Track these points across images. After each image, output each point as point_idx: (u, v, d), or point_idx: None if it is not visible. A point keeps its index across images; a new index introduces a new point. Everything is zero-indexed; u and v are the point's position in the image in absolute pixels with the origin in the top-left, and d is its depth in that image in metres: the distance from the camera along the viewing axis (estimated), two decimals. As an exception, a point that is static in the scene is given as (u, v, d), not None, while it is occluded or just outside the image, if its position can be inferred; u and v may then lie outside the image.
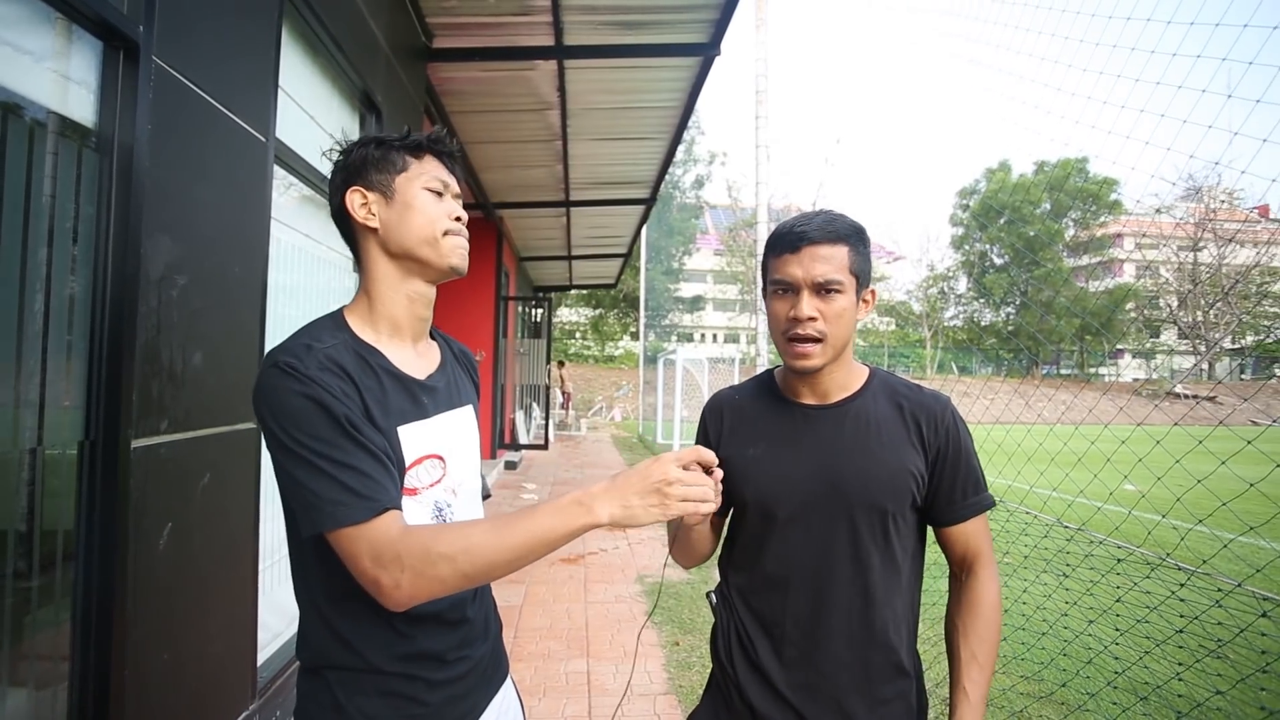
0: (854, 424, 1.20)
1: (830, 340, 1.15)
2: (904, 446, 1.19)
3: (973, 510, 1.22)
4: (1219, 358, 36.34)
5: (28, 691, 1.48)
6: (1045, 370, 37.83)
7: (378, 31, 3.58)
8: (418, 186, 1.11)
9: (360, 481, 0.92)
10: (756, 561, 1.22)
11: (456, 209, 1.14)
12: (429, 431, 1.10)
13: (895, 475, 1.17)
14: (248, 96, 2.22)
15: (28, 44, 1.46)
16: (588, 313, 39.01)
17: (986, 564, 1.24)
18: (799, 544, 1.18)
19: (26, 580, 1.46)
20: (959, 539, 1.23)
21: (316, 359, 0.98)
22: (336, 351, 1.02)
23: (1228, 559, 4.51)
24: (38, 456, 1.48)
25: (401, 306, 1.12)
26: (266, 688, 2.50)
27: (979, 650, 1.18)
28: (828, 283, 1.13)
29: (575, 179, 7.68)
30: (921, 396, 1.24)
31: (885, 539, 1.17)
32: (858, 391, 1.24)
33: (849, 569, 1.16)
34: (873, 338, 41.25)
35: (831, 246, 1.14)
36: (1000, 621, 1.23)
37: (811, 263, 1.13)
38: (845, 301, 1.15)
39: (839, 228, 1.16)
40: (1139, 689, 3.06)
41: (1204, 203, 34.17)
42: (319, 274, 3.23)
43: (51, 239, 1.50)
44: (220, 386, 2.10)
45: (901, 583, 1.20)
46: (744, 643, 1.22)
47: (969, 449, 1.23)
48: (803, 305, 1.13)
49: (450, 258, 1.12)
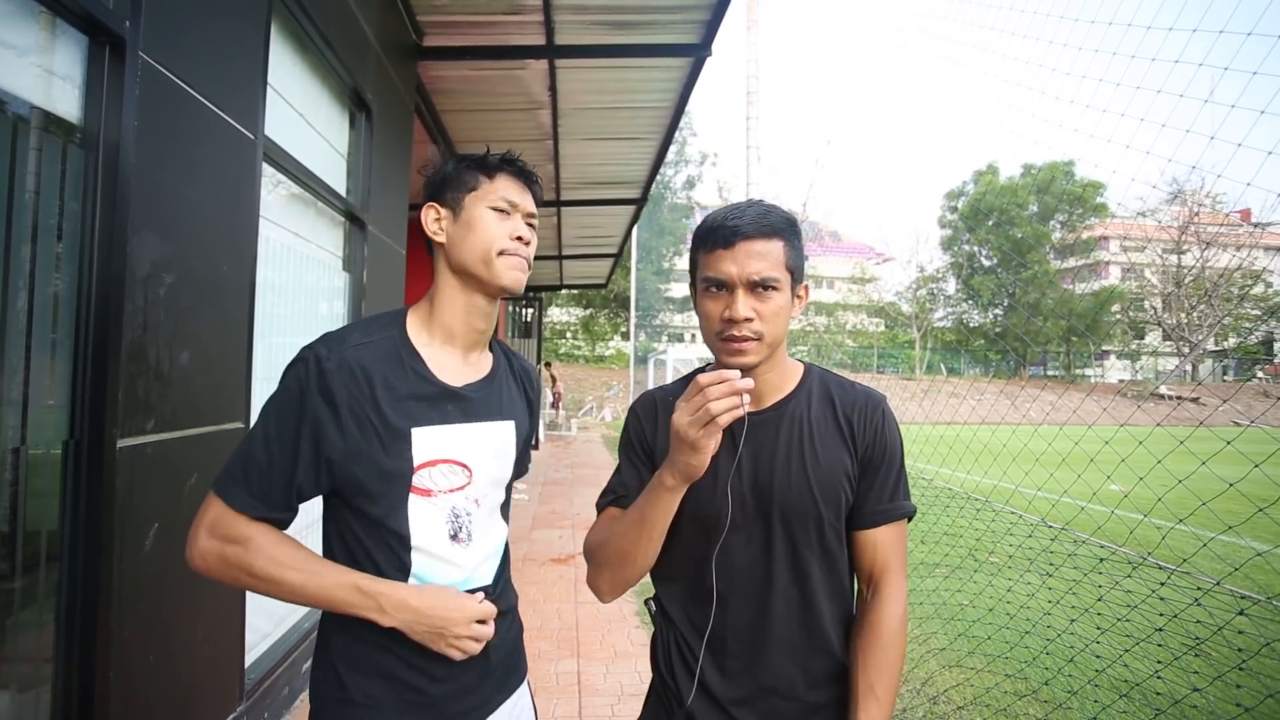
0: (789, 428, 1.14)
1: (767, 339, 1.08)
2: (838, 449, 1.14)
3: (887, 516, 1.14)
4: (1202, 359, 36.79)
5: (10, 694, 1.47)
6: (1032, 371, 38.18)
7: (368, 29, 3.57)
8: (483, 206, 1.15)
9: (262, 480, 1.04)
10: (695, 573, 1.15)
11: (520, 229, 1.16)
12: (452, 437, 1.13)
13: (832, 480, 1.12)
14: (236, 93, 2.21)
15: (12, 39, 1.45)
16: (578, 312, 38.98)
17: (895, 581, 1.14)
18: (739, 555, 1.12)
19: (9, 581, 1.45)
20: (869, 546, 1.15)
21: (339, 356, 1.07)
22: (368, 350, 1.10)
23: (1208, 558, 4.58)
24: (21, 456, 1.46)
25: (458, 317, 1.17)
26: (254, 689, 2.49)
27: (877, 682, 1.08)
28: (764, 280, 1.06)
29: (566, 179, 7.67)
30: (854, 394, 1.18)
31: (823, 545, 1.13)
32: (792, 392, 1.18)
33: (788, 578, 1.12)
34: (862, 339, 41.46)
35: (767, 241, 1.07)
36: (904, 648, 1.14)
37: (747, 259, 1.06)
38: (782, 300, 1.08)
39: (774, 221, 1.08)
40: (1119, 686, 3.10)
41: (1187, 206, 34.59)
42: (308, 272, 3.21)
43: (36, 236, 1.48)
44: (208, 386, 2.08)
45: (842, 587, 1.16)
46: (684, 655, 1.16)
47: (897, 452, 1.17)
48: (738, 305, 1.05)
49: (502, 278, 1.14)
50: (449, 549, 1.12)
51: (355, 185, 3.70)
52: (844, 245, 45.67)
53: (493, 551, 1.20)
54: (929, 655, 3.63)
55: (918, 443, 7.86)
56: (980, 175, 40.11)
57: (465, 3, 4.23)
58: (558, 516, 7.24)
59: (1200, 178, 30.47)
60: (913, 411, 12.82)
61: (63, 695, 1.55)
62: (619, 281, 28.59)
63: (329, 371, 1.05)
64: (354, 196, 3.67)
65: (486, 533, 1.18)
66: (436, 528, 1.11)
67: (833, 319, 41.46)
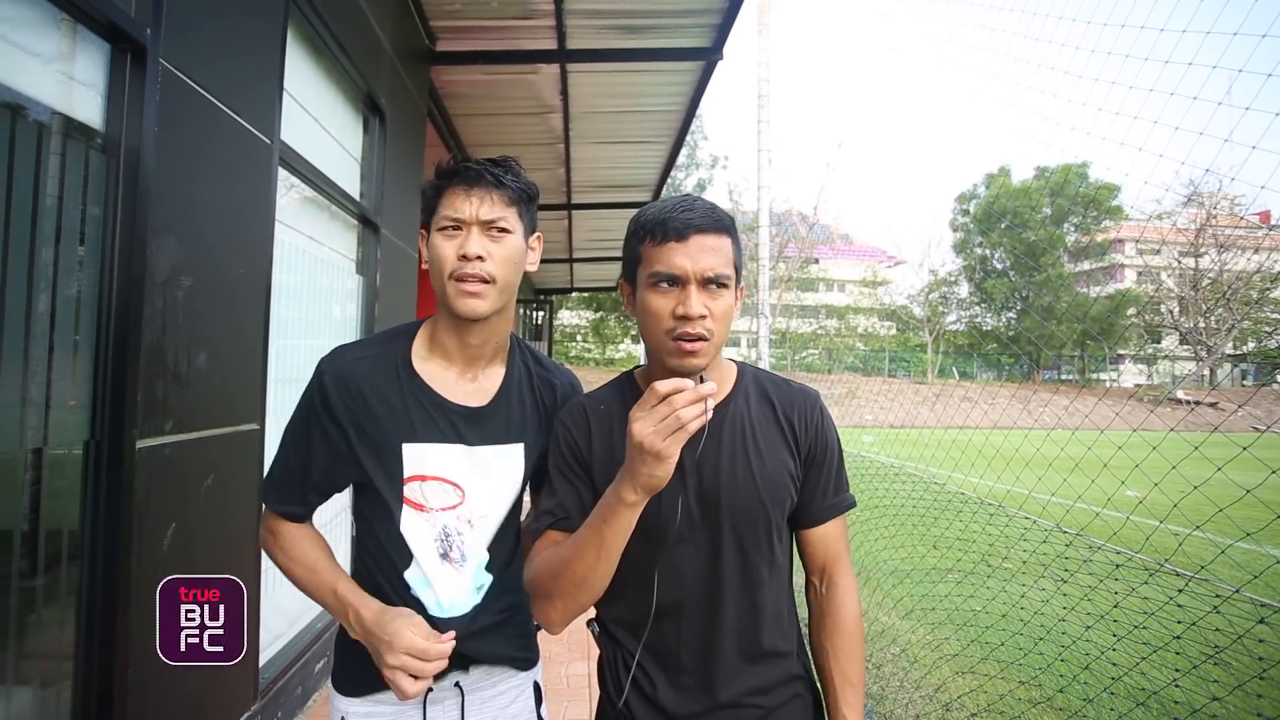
0: (731, 432, 1.11)
1: (716, 339, 1.04)
2: (780, 449, 1.12)
3: (833, 511, 1.15)
4: (1220, 364, 36.33)
5: (32, 690, 1.49)
6: (1046, 375, 37.82)
7: (382, 35, 3.60)
8: (436, 229, 1.12)
9: (289, 483, 1.16)
10: (642, 589, 1.08)
11: (468, 245, 1.09)
12: (443, 456, 1.13)
13: (777, 482, 1.10)
14: (253, 99, 2.24)
15: (37, 47, 1.48)
16: (589, 315, 39.02)
17: (845, 571, 1.16)
18: (687, 566, 1.08)
19: (31, 580, 1.47)
20: (818, 543, 1.15)
21: (335, 369, 1.14)
22: (367, 365, 1.14)
23: (1226, 565, 4.52)
24: (43, 456, 1.49)
25: (450, 338, 1.17)
26: (268, 689, 2.51)
27: (850, 670, 1.11)
28: (718, 277, 1.02)
29: (577, 182, 7.70)
30: (790, 393, 1.16)
31: (770, 548, 1.11)
32: (730, 395, 1.14)
33: (738, 586, 1.09)
34: (873, 342, 41.23)
35: (718, 237, 1.04)
36: (863, 634, 1.16)
37: (700, 254, 1.01)
38: (730, 298, 1.05)
39: (722, 217, 1.05)
40: (1136, 694, 3.07)
41: (1205, 208, 34.19)
42: (322, 275, 3.24)
43: (59, 240, 1.51)
44: (224, 387, 2.11)
45: (785, 588, 1.15)
46: (635, 676, 1.11)
47: (835, 447, 1.17)
48: (692, 302, 1.00)
49: (454, 304, 1.10)
50: (438, 568, 1.13)
51: (369, 189, 3.73)
52: (855, 248, 45.50)
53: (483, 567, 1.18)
54: (941, 661, 3.60)
55: (930, 447, 7.80)
56: (992, 178, 39.85)
57: (478, 8, 4.27)
58: (568, 519, 7.24)
59: (1217, 180, 30.16)
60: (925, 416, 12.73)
61: (82, 692, 1.57)
62: (629, 285, 28.56)
63: (328, 386, 1.12)
64: (367, 200, 3.70)
65: (481, 551, 1.17)
66: (427, 544, 1.13)
67: (844, 322, 41.27)
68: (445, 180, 1.12)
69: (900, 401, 14.64)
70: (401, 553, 1.13)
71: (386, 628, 1.05)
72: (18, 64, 1.42)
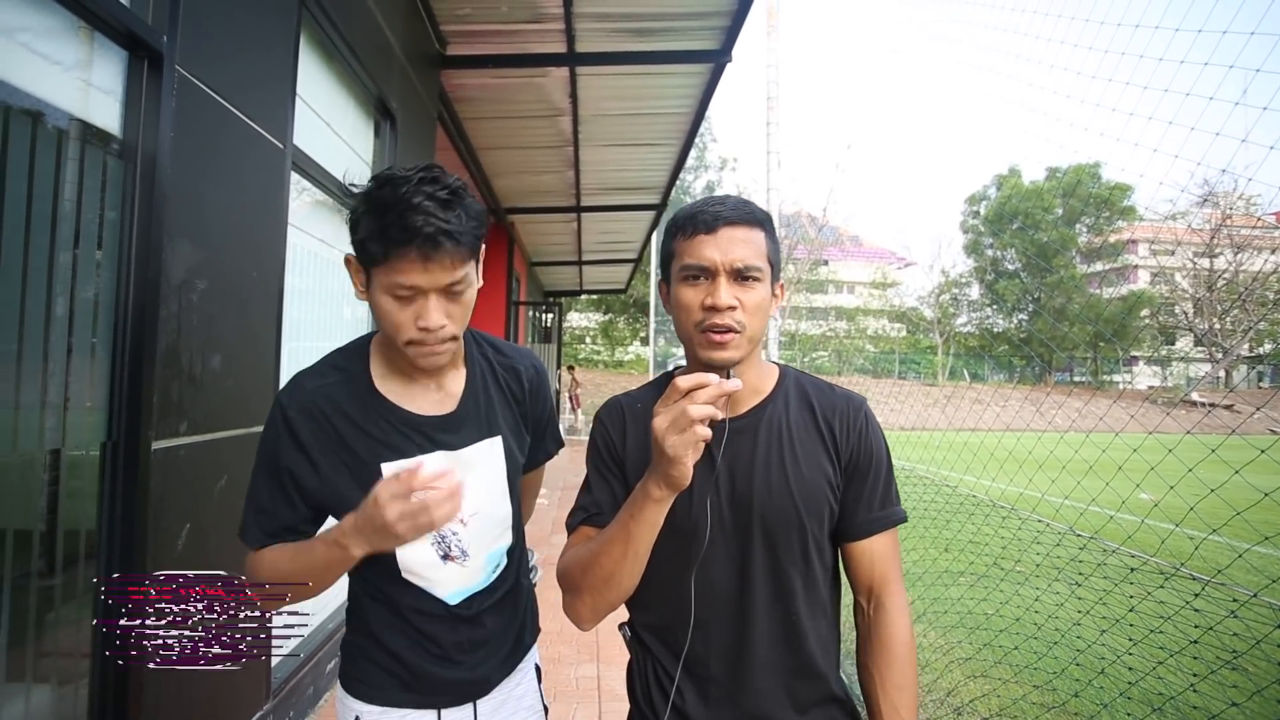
0: (768, 435, 1.08)
1: (748, 332, 1.02)
2: (820, 456, 1.08)
3: (882, 524, 1.08)
4: (1236, 365, 35.90)
5: (51, 688, 1.51)
6: (1059, 378, 37.52)
7: (393, 39, 3.63)
8: (383, 289, 1.01)
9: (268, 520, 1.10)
10: (672, 595, 1.06)
11: (428, 316, 1.00)
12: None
13: (813, 489, 1.05)
14: (267, 104, 2.26)
15: (57, 54, 1.50)
16: (598, 317, 39.09)
17: (895, 592, 1.08)
18: (718, 573, 1.05)
19: (50, 579, 1.49)
20: (865, 558, 1.08)
21: (299, 400, 1.10)
22: (329, 390, 1.10)
23: (1243, 569, 4.46)
24: (61, 457, 1.51)
25: (405, 361, 1.09)
26: (280, 688, 2.52)
27: (900, 700, 1.03)
28: (747, 268, 1.00)
29: (586, 184, 7.72)
30: (834, 397, 1.12)
31: (805, 559, 1.06)
32: (769, 396, 1.11)
33: (770, 595, 1.05)
34: (883, 344, 41.05)
35: (749, 229, 1.03)
36: (915, 661, 1.08)
37: (730, 245, 1.00)
38: (764, 291, 1.03)
39: (755, 210, 1.05)
40: (1152, 700, 3.03)
41: (1220, 208, 33.83)
42: (334, 278, 3.27)
43: (77, 243, 1.53)
44: (237, 389, 2.13)
45: (824, 604, 1.09)
46: (664, 685, 1.08)
47: (884, 456, 1.11)
48: (720, 292, 0.99)
49: (416, 362, 1.06)
50: (441, 571, 1.14)
51: (380, 193, 3.75)
52: (865, 250, 45.30)
53: (495, 553, 1.20)
54: (953, 665, 3.58)
55: (941, 449, 7.76)
56: (1003, 179, 39.63)
57: (488, 12, 4.29)
58: (578, 521, 7.24)
59: (1233, 180, 29.83)
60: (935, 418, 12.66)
61: (99, 690, 1.59)
62: (638, 286, 28.62)
63: (292, 419, 1.08)
64: (379, 204, 3.72)
65: (484, 544, 1.18)
66: (425, 554, 1.12)
67: (853, 324, 41.13)
68: (394, 238, 0.96)
69: (910, 403, 14.52)
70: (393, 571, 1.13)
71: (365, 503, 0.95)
72: (39, 71, 1.45)
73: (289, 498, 1.09)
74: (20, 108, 1.40)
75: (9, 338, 1.38)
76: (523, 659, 1.28)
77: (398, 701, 1.16)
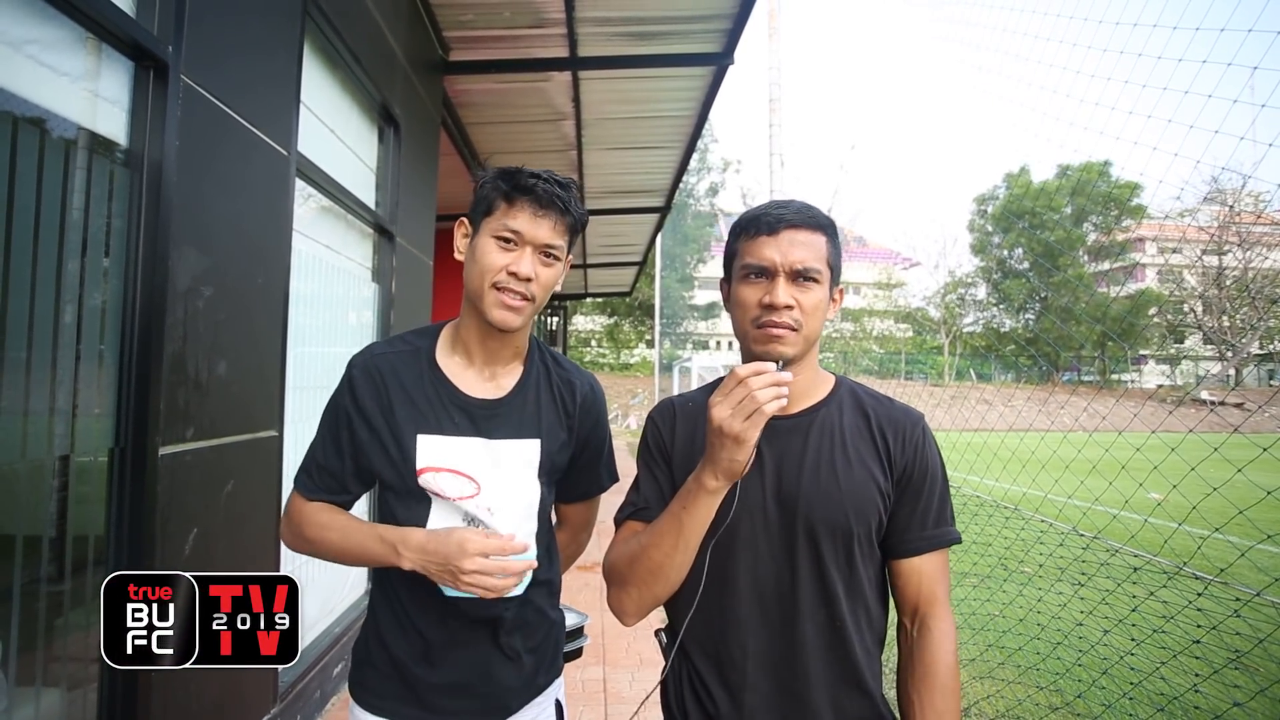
0: (819, 436, 1.08)
1: (804, 332, 1.03)
2: (871, 462, 1.06)
3: (930, 544, 1.06)
4: (1246, 363, 35.65)
5: (60, 692, 1.53)
6: (1065, 377, 37.32)
7: (396, 46, 3.66)
8: (490, 234, 1.13)
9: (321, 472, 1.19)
10: (714, 593, 1.06)
11: (521, 264, 1.11)
12: (456, 448, 1.15)
13: (860, 492, 1.04)
14: (271, 112, 2.28)
15: (64, 66, 1.53)
16: (603, 321, 39.12)
17: (942, 616, 1.05)
18: (762, 571, 1.05)
19: (59, 584, 1.51)
20: (912, 577, 1.06)
21: (365, 363, 1.19)
22: (393, 359, 1.19)
23: (1247, 568, 4.44)
24: (70, 463, 1.53)
25: (473, 336, 1.19)
26: (287, 693, 2.54)
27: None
28: (806, 270, 1.02)
29: (590, 188, 7.74)
30: (892, 410, 1.11)
31: (850, 564, 1.04)
32: (822, 400, 1.11)
33: (815, 598, 1.03)
34: (889, 345, 40.93)
35: (811, 233, 1.05)
36: (959, 689, 1.04)
37: (790, 247, 1.03)
38: (821, 294, 1.05)
39: (818, 215, 1.07)
40: (1157, 700, 3.02)
41: (1228, 206, 33.60)
42: (338, 283, 3.29)
43: (84, 251, 1.55)
44: (243, 395, 2.15)
45: (872, 619, 1.07)
46: (698, 691, 1.08)
47: (939, 473, 1.09)
48: (779, 291, 1.01)
49: (489, 312, 1.13)
50: None
51: (384, 198, 3.78)
52: (869, 250, 45.19)
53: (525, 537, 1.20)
54: (959, 666, 3.57)
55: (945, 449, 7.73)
56: (1012, 178, 39.47)
57: (490, 18, 4.32)
58: (583, 524, 7.25)
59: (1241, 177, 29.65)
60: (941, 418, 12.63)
61: (108, 694, 1.61)
62: (643, 289, 28.66)
63: (355, 378, 1.18)
64: (383, 209, 3.75)
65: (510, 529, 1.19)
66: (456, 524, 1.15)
67: (859, 325, 41.03)
68: (515, 191, 1.12)
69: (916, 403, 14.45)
70: None
71: (449, 538, 1.04)
72: (46, 82, 1.47)
73: (340, 450, 1.18)
74: (29, 117, 1.42)
75: (19, 345, 1.40)
76: (543, 691, 1.27)
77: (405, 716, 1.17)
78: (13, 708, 1.39)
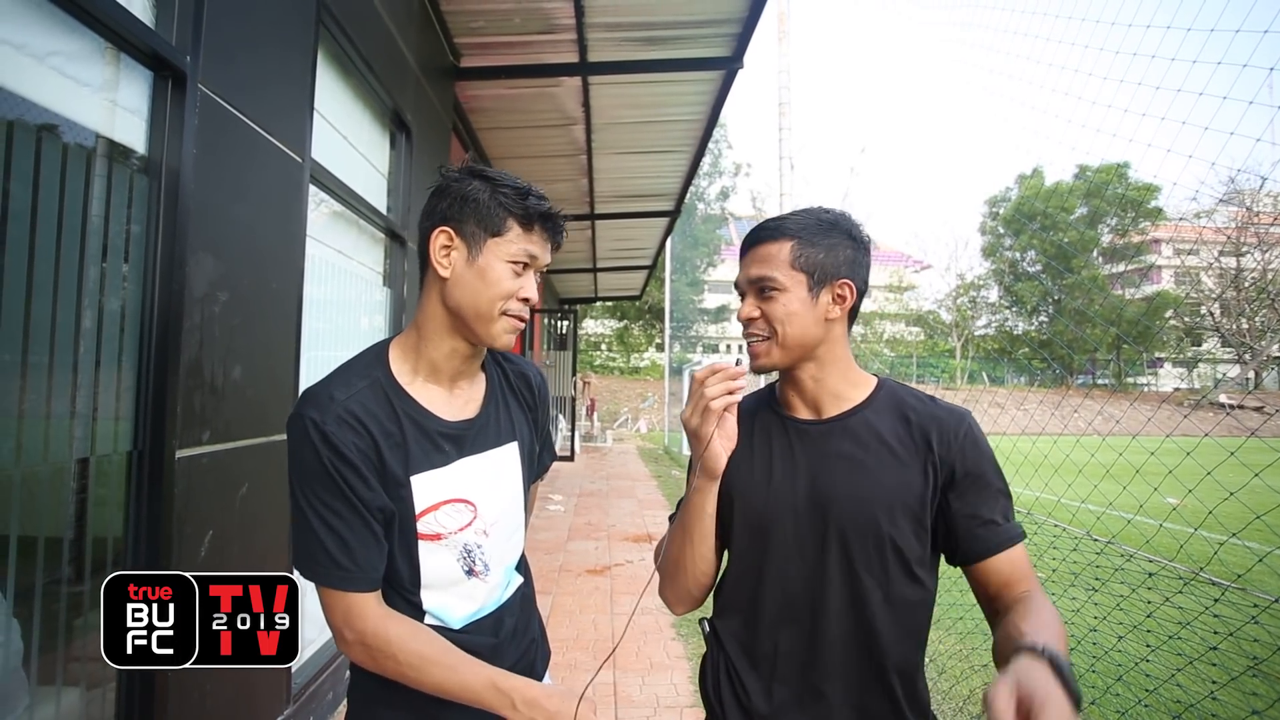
0: (854, 439, 1.08)
1: (781, 338, 1.06)
2: (910, 466, 1.05)
3: (1007, 540, 1.02)
4: (1267, 366, 35.14)
5: (80, 691, 1.55)
6: (1080, 380, 36.96)
7: (407, 53, 3.69)
8: (504, 258, 1.07)
9: (344, 551, 1.01)
10: (747, 590, 1.10)
11: (529, 289, 1.10)
12: (451, 477, 1.10)
13: (892, 495, 1.03)
14: (286, 120, 2.32)
15: (85, 76, 1.56)
16: (613, 324, 39.15)
17: (1038, 590, 1.00)
18: (792, 571, 1.06)
19: (79, 585, 1.54)
20: (995, 573, 1.02)
21: (336, 413, 1.02)
22: (361, 398, 1.04)
23: (1264, 573, 4.38)
24: (89, 466, 1.56)
25: (443, 354, 1.11)
26: (300, 693, 2.57)
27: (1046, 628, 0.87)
28: (760, 281, 1.07)
29: (600, 192, 7.77)
30: (934, 409, 1.08)
31: (883, 567, 1.03)
32: (859, 405, 1.10)
33: (843, 599, 1.04)
34: (901, 348, 40.74)
35: (770, 244, 1.08)
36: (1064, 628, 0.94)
37: (750, 264, 1.10)
38: (789, 299, 1.05)
39: (787, 223, 1.08)
40: (1173, 707, 2.99)
41: (1247, 206, 33.18)
42: (351, 288, 3.32)
43: (104, 257, 1.58)
44: (258, 398, 2.18)
45: (906, 631, 1.05)
46: (733, 680, 1.11)
47: (992, 470, 1.05)
48: (743, 306, 1.10)
49: (496, 339, 1.10)
50: (466, 585, 1.13)
51: (396, 203, 3.81)
52: (881, 253, 44.99)
53: (509, 567, 1.21)
54: (972, 672, 3.55)
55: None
56: (1025, 179, 39.18)
57: (501, 24, 4.35)
58: (593, 528, 7.27)
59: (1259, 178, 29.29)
60: (954, 422, 12.56)
61: (125, 693, 1.63)
62: (653, 293, 28.66)
63: (330, 434, 1.00)
64: (394, 214, 3.78)
65: (502, 556, 1.18)
66: (450, 568, 1.10)
67: (869, 328, 40.84)
68: (533, 218, 1.09)
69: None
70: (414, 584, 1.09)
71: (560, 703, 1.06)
72: (68, 92, 1.50)
73: (359, 514, 1.01)
74: (50, 126, 1.45)
75: (41, 349, 1.43)
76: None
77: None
78: (35, 705, 1.41)
